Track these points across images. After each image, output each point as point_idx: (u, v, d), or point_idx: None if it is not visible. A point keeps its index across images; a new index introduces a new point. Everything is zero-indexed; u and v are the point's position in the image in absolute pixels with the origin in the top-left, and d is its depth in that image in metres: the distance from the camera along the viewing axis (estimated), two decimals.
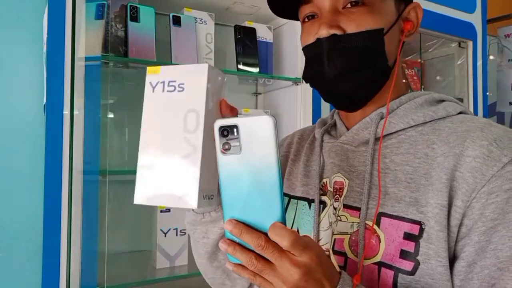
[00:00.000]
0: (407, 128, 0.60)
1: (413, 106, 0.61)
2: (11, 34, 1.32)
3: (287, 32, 1.61)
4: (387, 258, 0.54)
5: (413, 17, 0.64)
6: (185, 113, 0.50)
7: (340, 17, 0.59)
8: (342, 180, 0.63)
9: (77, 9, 1.11)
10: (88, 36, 1.13)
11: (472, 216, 0.50)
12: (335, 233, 0.61)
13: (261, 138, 0.44)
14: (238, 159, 0.44)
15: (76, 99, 1.09)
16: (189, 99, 0.50)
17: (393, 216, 0.55)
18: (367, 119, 0.62)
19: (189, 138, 0.49)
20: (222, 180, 0.46)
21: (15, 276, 1.28)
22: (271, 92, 1.72)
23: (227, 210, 0.45)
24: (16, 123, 1.31)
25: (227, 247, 0.45)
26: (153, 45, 1.29)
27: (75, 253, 1.07)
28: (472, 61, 1.95)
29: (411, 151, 0.58)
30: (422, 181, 0.55)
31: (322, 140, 0.70)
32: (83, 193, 1.10)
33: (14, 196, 1.29)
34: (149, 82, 0.52)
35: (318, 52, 0.60)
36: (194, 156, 0.48)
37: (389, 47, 0.60)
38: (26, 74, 1.34)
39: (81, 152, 1.09)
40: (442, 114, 0.59)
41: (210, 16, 1.43)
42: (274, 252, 0.43)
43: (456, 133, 0.55)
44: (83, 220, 1.09)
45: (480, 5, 1.97)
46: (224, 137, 0.45)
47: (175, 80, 0.51)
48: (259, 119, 0.44)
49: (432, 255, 0.51)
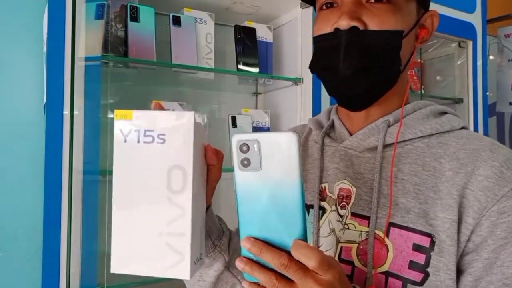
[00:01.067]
0: (413, 138, 0.59)
1: (420, 117, 0.60)
2: (11, 34, 1.32)
3: (287, 32, 1.61)
4: (395, 268, 0.54)
5: (428, 25, 0.62)
6: (168, 170, 0.44)
7: (363, 10, 0.56)
8: (349, 187, 0.61)
9: (77, 9, 1.10)
10: (88, 36, 1.13)
11: (481, 233, 0.51)
12: (342, 241, 0.60)
13: (283, 154, 0.42)
14: (258, 175, 0.43)
15: (76, 99, 1.09)
16: (173, 154, 0.44)
17: (403, 227, 0.55)
18: (373, 125, 0.61)
19: (174, 199, 0.43)
20: (239, 196, 0.44)
21: (15, 276, 1.28)
22: (271, 92, 1.72)
23: (244, 227, 0.43)
24: (16, 123, 1.31)
25: (244, 266, 0.43)
26: (153, 45, 1.29)
27: (75, 253, 1.07)
28: (472, 61, 1.95)
29: (418, 162, 0.57)
30: (430, 194, 0.55)
31: (323, 143, 0.67)
32: (83, 193, 1.10)
33: (14, 196, 1.29)
34: (119, 129, 0.44)
35: (334, 43, 0.57)
36: (183, 220, 0.43)
37: (403, 51, 0.58)
38: (26, 74, 1.34)
39: (81, 152, 1.09)
40: (447, 128, 0.59)
41: (210, 16, 1.43)
42: (298, 272, 0.41)
43: (465, 150, 0.56)
44: (83, 220, 1.09)
45: (480, 5, 1.97)
46: (244, 152, 0.43)
47: (153, 130, 0.44)
48: (281, 135, 0.42)
49: (442, 268, 0.52)
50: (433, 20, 0.63)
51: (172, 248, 0.44)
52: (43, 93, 1.11)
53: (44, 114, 1.09)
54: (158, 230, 0.44)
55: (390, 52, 0.57)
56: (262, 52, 1.54)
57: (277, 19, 1.65)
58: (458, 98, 1.98)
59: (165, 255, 0.44)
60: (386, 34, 0.56)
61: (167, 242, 0.44)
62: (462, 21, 1.90)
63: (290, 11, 1.58)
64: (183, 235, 0.43)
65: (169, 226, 0.44)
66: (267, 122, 1.58)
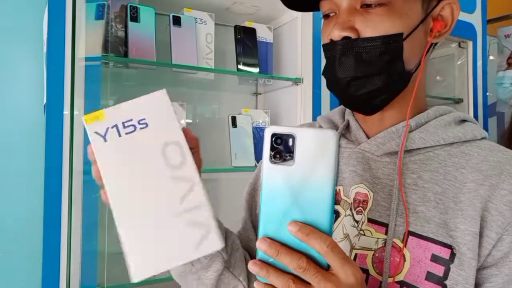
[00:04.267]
0: (435, 146, 0.57)
1: (443, 124, 0.59)
2: (11, 34, 1.32)
3: (287, 32, 1.61)
4: (411, 279, 0.53)
5: (447, 15, 0.58)
6: (161, 149, 0.43)
7: (357, 17, 0.55)
8: (366, 192, 0.59)
9: (77, 9, 1.10)
10: (88, 36, 1.13)
11: (502, 248, 0.51)
12: (357, 248, 0.58)
13: (319, 152, 0.40)
14: (288, 170, 0.40)
15: (76, 99, 1.09)
16: (161, 132, 0.43)
17: (422, 237, 0.53)
18: (392, 129, 0.60)
19: (178, 174, 0.42)
20: (264, 192, 0.41)
21: (15, 276, 1.28)
22: (271, 92, 1.72)
23: (264, 225, 0.41)
24: (16, 123, 1.31)
25: (259, 270, 0.40)
26: (153, 45, 1.29)
27: (75, 253, 1.07)
28: (472, 61, 1.95)
29: (440, 171, 0.56)
30: (451, 204, 0.53)
31: (339, 145, 0.65)
32: (83, 193, 1.10)
33: (14, 196, 1.29)
34: (94, 132, 0.44)
35: (330, 54, 0.58)
36: (195, 191, 0.42)
37: (410, 52, 0.56)
38: (26, 74, 1.34)
39: (81, 152, 1.09)
40: (469, 137, 0.57)
41: (210, 16, 1.43)
42: (317, 275, 0.39)
43: (488, 162, 0.55)
44: (83, 220, 1.09)
45: (480, 5, 1.96)
46: (277, 145, 0.41)
47: (131, 119, 0.43)
48: (321, 132, 0.40)
49: (461, 281, 0.51)
50: (453, 8, 0.58)
51: (195, 224, 0.42)
52: (43, 93, 1.11)
53: (44, 114, 1.09)
54: (172, 211, 0.42)
55: (388, 57, 0.55)
56: (262, 52, 1.54)
57: (277, 19, 1.65)
58: (458, 98, 1.97)
59: (189, 233, 0.42)
60: (380, 40, 0.54)
61: (186, 220, 0.42)
62: (462, 21, 1.89)
63: (290, 11, 1.58)
64: (200, 205, 0.42)
65: (183, 203, 0.42)
66: (267, 122, 1.58)
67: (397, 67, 0.56)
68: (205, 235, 0.41)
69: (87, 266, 1.10)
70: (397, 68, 0.56)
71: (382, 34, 0.54)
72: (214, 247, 0.42)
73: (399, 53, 0.55)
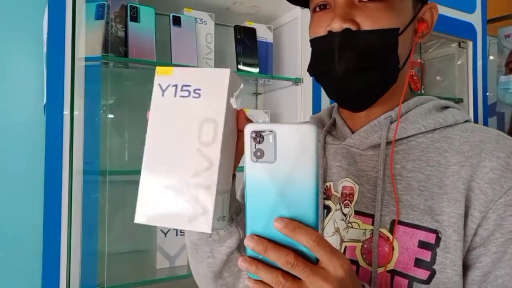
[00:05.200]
0: (417, 134, 0.58)
1: (423, 111, 0.59)
2: (11, 34, 1.32)
3: (287, 32, 1.61)
4: (400, 267, 0.53)
5: (428, 18, 0.61)
6: (200, 123, 0.44)
7: (355, 10, 0.55)
8: (352, 185, 0.60)
9: (77, 9, 1.10)
10: (88, 36, 1.13)
11: (488, 226, 0.51)
12: (346, 240, 0.59)
13: (300, 147, 0.40)
14: (271, 168, 0.40)
15: (76, 99, 1.09)
16: (207, 107, 0.45)
17: (408, 224, 0.54)
18: (375, 122, 0.60)
19: (204, 151, 0.44)
20: (248, 190, 0.41)
21: (15, 276, 1.28)
22: (271, 92, 1.72)
23: (251, 223, 0.41)
24: (16, 123, 1.31)
25: (248, 266, 0.41)
26: (153, 45, 1.29)
27: (75, 253, 1.07)
28: (472, 61, 1.95)
29: (422, 158, 0.56)
30: (436, 189, 0.54)
31: (325, 142, 0.67)
32: (83, 193, 1.10)
33: (14, 196, 1.29)
34: (158, 84, 0.46)
35: (328, 46, 0.57)
36: (209, 172, 0.43)
37: (401, 48, 0.57)
38: (26, 74, 1.34)
39: (81, 152, 1.09)
40: (451, 122, 0.58)
41: (210, 16, 1.43)
42: (306, 270, 0.40)
43: (470, 142, 0.55)
44: (83, 220, 1.09)
45: (480, 5, 1.96)
46: (258, 143, 0.41)
47: (190, 85, 0.45)
48: (300, 127, 0.40)
49: (449, 264, 0.51)
50: (433, 12, 0.61)
51: (197, 200, 0.43)
52: (43, 93, 1.11)
53: (44, 114, 1.09)
54: (185, 180, 0.43)
55: (385, 51, 0.56)
56: (262, 52, 1.54)
57: (277, 19, 1.65)
58: (458, 98, 1.97)
59: (189, 206, 0.43)
60: (380, 33, 0.55)
61: (192, 193, 0.43)
62: (462, 21, 1.89)
63: (290, 11, 1.58)
64: (209, 187, 0.43)
65: (196, 177, 0.43)
66: (267, 122, 1.58)
67: (392, 62, 0.57)
68: (201, 214, 0.43)
69: (87, 266, 1.10)
70: (392, 63, 0.57)
71: (382, 27, 0.55)
72: (204, 229, 0.43)
73: (395, 48, 0.56)
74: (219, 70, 0.46)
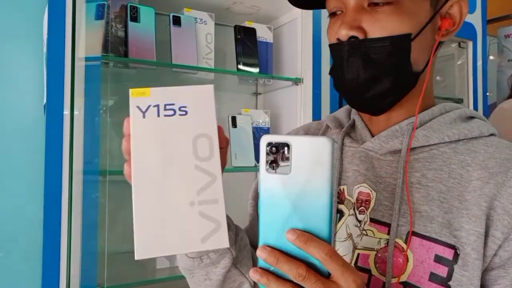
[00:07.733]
0: (440, 143, 0.56)
1: (448, 120, 0.57)
2: (11, 34, 1.32)
3: (287, 32, 1.61)
4: (414, 279, 0.52)
5: (455, 13, 0.56)
6: (193, 139, 0.44)
7: (364, 16, 0.53)
8: (369, 191, 0.58)
9: (77, 9, 1.10)
10: (88, 36, 1.13)
11: (509, 248, 0.50)
12: (359, 248, 0.57)
13: (315, 160, 0.40)
14: (285, 179, 0.40)
15: (76, 99, 1.09)
16: (197, 123, 0.45)
17: (425, 237, 0.52)
18: (396, 127, 0.58)
19: (203, 166, 0.43)
20: (262, 201, 0.41)
21: (15, 276, 1.28)
22: (271, 92, 1.72)
23: (263, 234, 0.41)
24: (16, 123, 1.31)
25: (259, 277, 0.40)
26: (153, 45, 1.29)
27: (75, 253, 1.07)
28: (472, 61, 1.95)
29: (444, 169, 0.54)
30: (456, 203, 0.52)
31: (343, 144, 0.64)
32: (83, 193, 1.10)
33: (14, 196, 1.29)
34: (135, 106, 0.45)
35: (338, 55, 0.56)
36: (214, 186, 0.43)
37: (418, 52, 0.54)
38: (26, 74, 1.34)
39: (81, 152, 1.09)
40: (476, 134, 0.56)
41: (210, 16, 1.43)
42: (317, 283, 0.39)
43: (495, 159, 0.53)
44: (83, 220, 1.09)
45: (480, 5, 1.97)
46: (272, 154, 0.41)
47: (174, 103, 0.45)
48: (316, 140, 0.40)
49: (465, 282, 0.49)
50: (461, 6, 0.56)
51: (207, 217, 0.42)
52: (43, 93, 1.11)
53: (44, 114, 1.09)
54: (189, 200, 0.43)
55: (395, 58, 0.54)
56: (262, 52, 1.54)
57: (277, 19, 1.65)
58: (458, 98, 1.97)
59: (199, 225, 0.42)
60: (388, 41, 0.53)
61: (200, 211, 0.42)
62: None
63: (290, 11, 1.58)
64: (216, 201, 0.43)
65: (200, 194, 0.43)
66: (267, 122, 1.58)
67: (404, 68, 0.55)
68: (215, 230, 0.42)
69: (87, 266, 1.10)
70: (404, 69, 0.55)
71: (390, 34, 0.53)
72: (220, 244, 0.42)
73: (407, 54, 0.54)
74: (202, 86, 0.46)
